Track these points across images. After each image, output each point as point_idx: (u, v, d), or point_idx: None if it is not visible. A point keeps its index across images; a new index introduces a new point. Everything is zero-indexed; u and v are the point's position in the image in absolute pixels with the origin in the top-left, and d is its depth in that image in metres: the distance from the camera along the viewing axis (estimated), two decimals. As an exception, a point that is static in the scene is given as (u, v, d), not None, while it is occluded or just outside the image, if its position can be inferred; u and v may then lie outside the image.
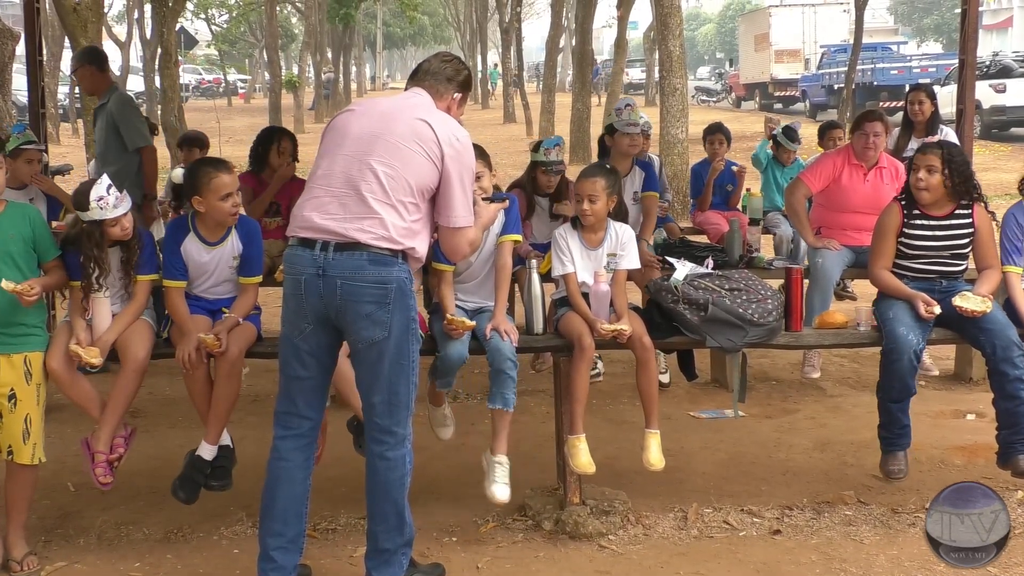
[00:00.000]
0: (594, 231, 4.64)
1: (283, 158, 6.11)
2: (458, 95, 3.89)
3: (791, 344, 4.90)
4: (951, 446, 5.33)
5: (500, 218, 4.51)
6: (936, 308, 4.59)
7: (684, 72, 12.66)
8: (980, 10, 8.83)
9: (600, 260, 4.63)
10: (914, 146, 6.91)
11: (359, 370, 3.72)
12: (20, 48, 8.80)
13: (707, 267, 4.74)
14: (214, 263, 4.41)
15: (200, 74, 51.95)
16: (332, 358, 3.80)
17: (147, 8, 27.87)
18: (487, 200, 4.27)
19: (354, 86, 50.95)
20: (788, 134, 7.85)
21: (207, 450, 4.28)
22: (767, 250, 7.17)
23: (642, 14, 39.56)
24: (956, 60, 9.28)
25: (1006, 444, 4.53)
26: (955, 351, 6.56)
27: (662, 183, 7.50)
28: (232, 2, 41.40)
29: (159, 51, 17.71)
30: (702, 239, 7.16)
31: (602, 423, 5.65)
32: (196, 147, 7.63)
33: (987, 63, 22.79)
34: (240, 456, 4.45)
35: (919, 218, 4.80)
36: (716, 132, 7.57)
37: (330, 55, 43.40)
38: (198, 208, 4.32)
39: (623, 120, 6.11)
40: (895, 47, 35.13)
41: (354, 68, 53.52)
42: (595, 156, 6.77)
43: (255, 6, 38.28)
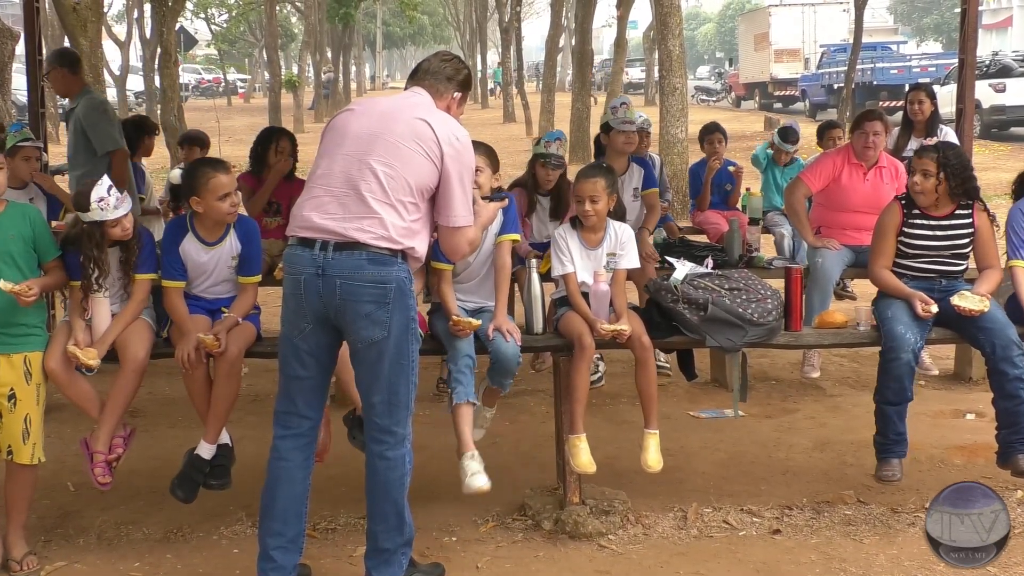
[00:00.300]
0: (594, 231, 4.64)
1: (281, 157, 6.11)
2: (458, 94, 3.89)
3: (791, 344, 4.90)
4: (951, 446, 5.33)
5: (499, 217, 4.50)
6: (933, 307, 4.59)
7: (684, 72, 12.67)
8: (980, 9, 8.84)
9: (600, 260, 4.63)
10: (914, 146, 6.92)
11: (359, 370, 3.72)
12: (20, 48, 8.80)
13: (707, 267, 4.74)
14: (213, 263, 4.41)
15: (200, 74, 51.95)
16: (332, 358, 3.80)
17: (147, 8, 27.89)
18: (486, 199, 4.27)
19: (354, 86, 50.96)
20: (783, 134, 7.87)
21: (206, 449, 4.28)
22: (767, 250, 7.17)
23: (642, 13, 39.58)
24: (956, 59, 9.27)
25: (1006, 444, 4.52)
26: (955, 351, 6.56)
27: (663, 182, 7.51)
28: (232, 2, 41.41)
29: (159, 51, 17.72)
30: (702, 239, 7.17)
31: (602, 423, 5.65)
32: (197, 146, 7.65)
33: (987, 62, 22.79)
34: (239, 456, 4.45)
35: (919, 218, 4.80)
36: (714, 132, 7.58)
37: (330, 55, 43.40)
38: (196, 208, 4.31)
39: (618, 118, 6.12)
40: (895, 47, 35.16)
41: (354, 68, 53.54)
42: (594, 155, 6.76)
43: (255, 6, 38.28)
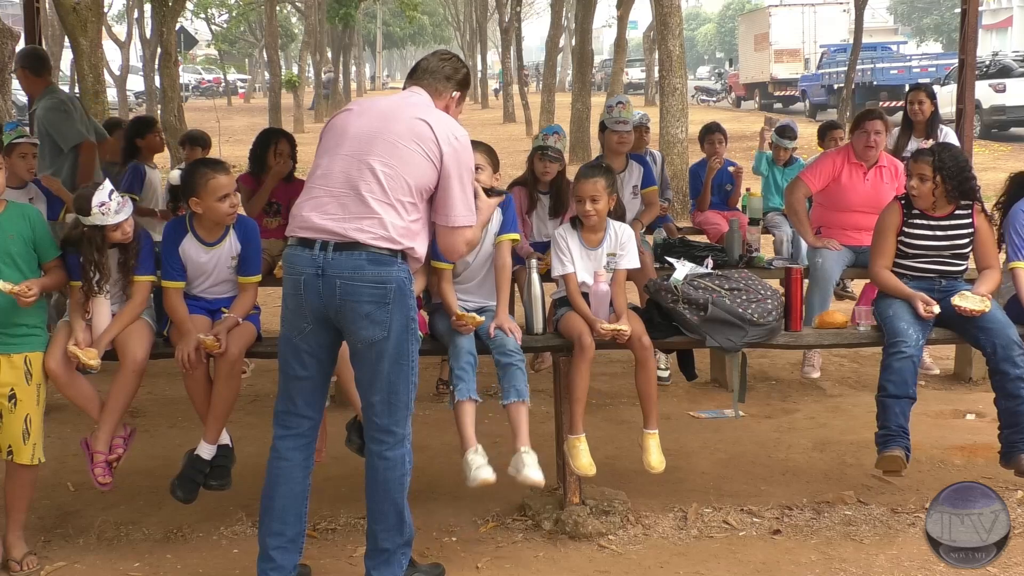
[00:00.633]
0: (595, 231, 4.64)
1: (280, 159, 6.11)
2: (456, 93, 3.89)
3: (791, 344, 4.91)
4: (951, 446, 5.33)
5: (497, 218, 4.51)
6: (935, 308, 4.59)
7: (684, 72, 12.66)
8: (980, 10, 8.83)
9: (600, 260, 4.63)
10: (913, 146, 6.92)
11: (358, 370, 3.73)
12: (20, 47, 8.79)
13: (707, 267, 4.74)
14: (212, 263, 4.41)
15: (200, 74, 51.98)
16: (331, 358, 3.80)
17: (147, 8, 27.87)
18: (486, 191, 4.21)
19: (354, 86, 50.97)
20: (781, 132, 7.90)
21: (206, 449, 4.28)
22: (767, 250, 7.17)
23: (642, 14, 39.58)
24: (956, 60, 9.29)
25: (1008, 443, 4.52)
26: (955, 351, 6.55)
27: (663, 179, 7.51)
28: (232, 2, 41.42)
29: (159, 51, 17.74)
30: (702, 239, 7.17)
31: (602, 423, 5.65)
32: (198, 146, 7.66)
33: (987, 63, 22.79)
34: (239, 456, 4.45)
35: (919, 218, 4.80)
36: (715, 132, 7.58)
37: (330, 55, 43.39)
38: (195, 209, 4.31)
39: (613, 118, 6.13)
40: (895, 47, 35.17)
41: (354, 68, 53.54)
42: (595, 154, 6.78)
43: (255, 6, 38.30)
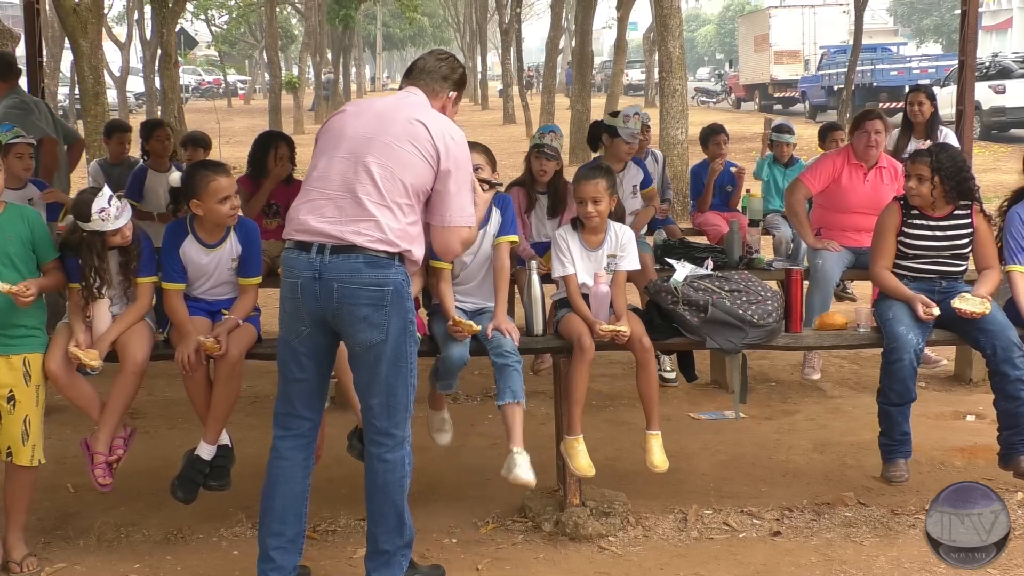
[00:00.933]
0: (595, 232, 4.64)
1: (280, 163, 6.10)
2: (453, 94, 3.87)
3: (791, 345, 4.90)
4: (951, 447, 5.33)
5: (496, 219, 4.52)
6: (935, 310, 4.59)
7: (684, 73, 12.67)
8: (980, 11, 8.83)
9: (600, 261, 4.63)
10: (913, 147, 6.92)
11: (357, 373, 3.73)
12: (20, 49, 8.81)
13: (707, 268, 4.74)
14: (213, 265, 4.40)
15: (200, 75, 51.97)
16: (329, 360, 3.81)
17: (147, 9, 27.88)
18: (482, 183, 4.13)
19: (354, 87, 50.96)
20: (779, 129, 7.93)
21: (206, 450, 4.28)
22: (767, 251, 7.17)
23: (642, 15, 39.61)
24: (956, 61, 9.29)
25: (1007, 445, 4.52)
26: (955, 352, 6.55)
27: (664, 179, 7.51)
28: (232, 3, 41.41)
29: (159, 52, 17.73)
30: (702, 240, 7.17)
31: (601, 424, 5.65)
32: (200, 147, 7.67)
33: (987, 64, 22.80)
34: (240, 457, 4.44)
35: (918, 218, 4.80)
36: (719, 133, 7.57)
37: (330, 56, 43.40)
38: (196, 212, 4.31)
39: (628, 129, 6.14)
40: (895, 48, 35.15)
41: (354, 69, 53.52)
42: (588, 143, 6.78)
43: (255, 7, 38.32)
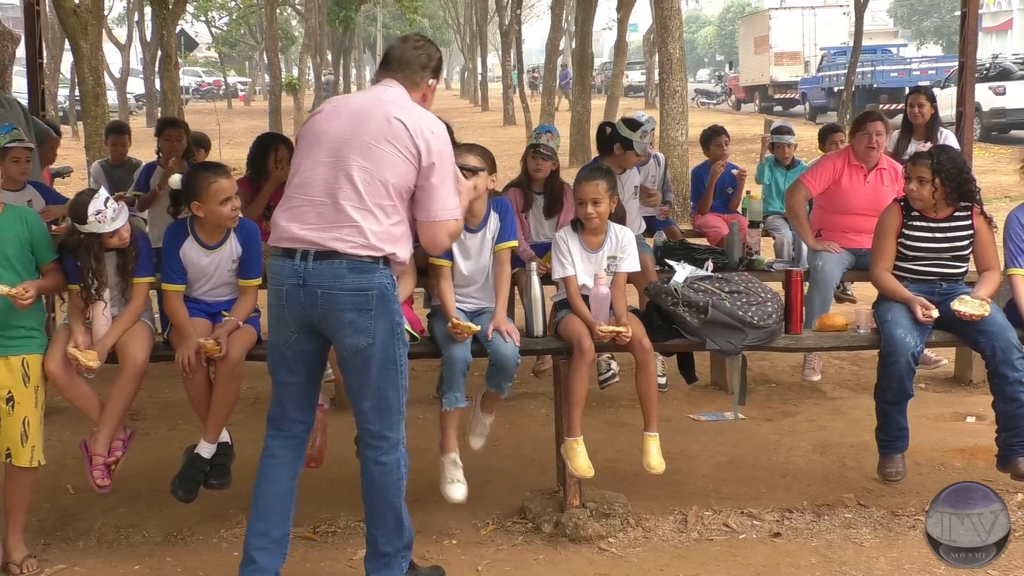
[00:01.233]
0: (595, 234, 4.64)
1: (281, 165, 6.10)
2: (432, 81, 3.79)
3: (791, 347, 4.90)
4: (951, 449, 5.33)
5: (495, 224, 4.55)
6: (934, 312, 4.59)
7: (684, 75, 12.67)
8: (980, 12, 8.84)
9: (600, 263, 4.63)
10: (913, 149, 6.93)
11: (347, 377, 3.71)
12: (20, 50, 8.80)
13: (707, 270, 4.74)
14: (213, 266, 4.41)
15: (200, 76, 51.96)
16: (320, 363, 3.81)
17: (147, 11, 27.90)
18: (464, 171, 4.05)
19: (354, 88, 50.97)
20: (778, 131, 7.94)
21: (206, 449, 4.29)
22: (767, 253, 7.17)
23: (642, 16, 39.59)
24: (956, 62, 9.29)
25: (1006, 447, 4.52)
26: (955, 353, 6.55)
27: (665, 182, 7.52)
28: (232, 4, 41.42)
29: (159, 53, 17.74)
30: (702, 242, 7.17)
31: (601, 425, 5.65)
32: (200, 148, 7.68)
33: (987, 65, 22.80)
34: (240, 459, 4.44)
35: (919, 220, 4.80)
36: (720, 134, 7.58)
37: (330, 57, 43.45)
38: (197, 213, 4.31)
39: (643, 143, 6.19)
40: (895, 49, 35.18)
41: (354, 70, 53.56)
42: (596, 146, 6.80)
43: (255, 8, 38.31)
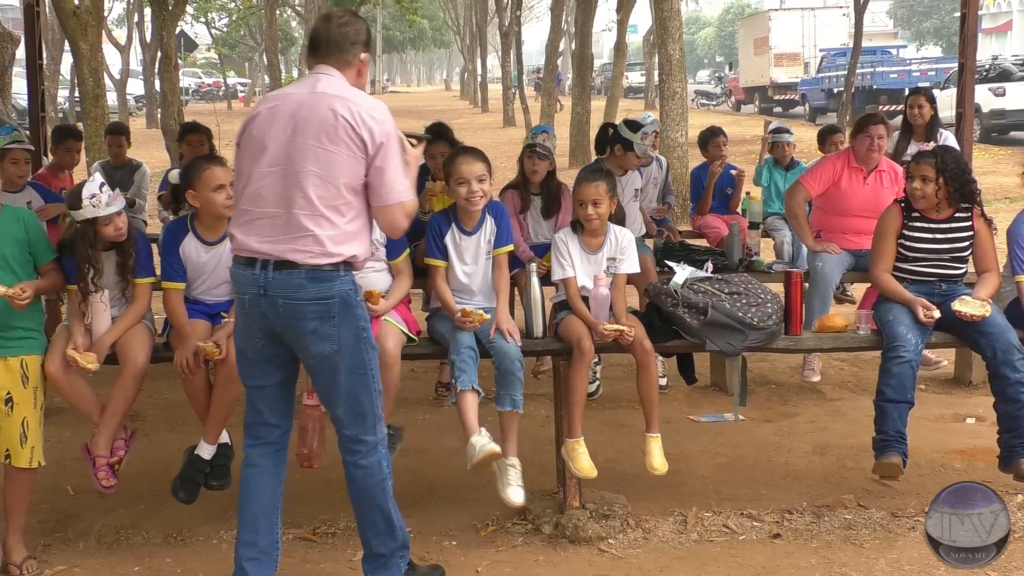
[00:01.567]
0: (595, 235, 4.65)
1: None
2: (364, 55, 3.66)
3: (791, 348, 4.90)
4: (951, 450, 5.33)
5: (491, 228, 4.57)
6: (935, 313, 4.58)
7: (684, 76, 12.67)
8: (979, 14, 8.84)
9: (600, 264, 4.63)
10: (913, 150, 6.93)
11: (317, 384, 3.69)
12: (20, 52, 8.81)
13: (706, 271, 4.74)
14: (213, 263, 4.41)
15: (200, 78, 51.95)
16: (292, 366, 3.73)
17: (147, 12, 27.90)
18: (410, 139, 3.78)
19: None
20: (777, 131, 7.97)
21: (206, 450, 4.29)
22: (767, 254, 7.17)
23: (642, 18, 39.57)
24: (955, 64, 9.29)
25: (1007, 448, 4.52)
26: (955, 355, 6.55)
27: (667, 184, 7.52)
28: (232, 6, 41.43)
29: (159, 55, 17.73)
30: (702, 243, 7.17)
31: (601, 426, 5.65)
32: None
33: (986, 67, 22.79)
34: (240, 459, 4.41)
35: (919, 221, 4.80)
36: (718, 135, 7.59)
37: (330, 59, 43.34)
38: (192, 203, 4.32)
39: (644, 145, 6.18)
40: (894, 51, 35.21)
41: (354, 72, 53.42)
42: (595, 149, 6.80)
43: (255, 10, 38.31)
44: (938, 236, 4.79)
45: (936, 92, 10.77)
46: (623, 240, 4.67)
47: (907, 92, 7.94)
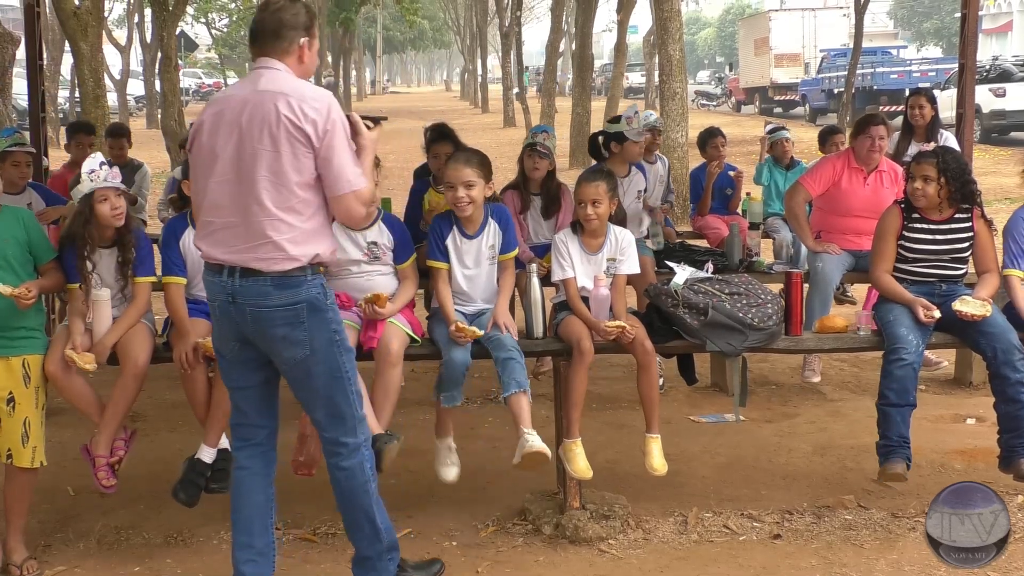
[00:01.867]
0: (595, 236, 4.65)
1: None
2: (304, 39, 3.52)
3: (791, 348, 4.90)
4: (951, 450, 5.33)
5: (495, 232, 4.57)
6: (936, 313, 4.58)
7: (684, 76, 12.67)
8: (980, 14, 8.84)
9: (600, 265, 4.64)
10: (914, 150, 6.92)
11: (294, 389, 3.65)
12: (20, 52, 8.81)
13: (707, 271, 4.74)
14: None
15: (200, 78, 51.94)
16: (271, 366, 3.66)
17: (147, 12, 27.89)
18: (367, 121, 3.65)
19: (354, 90, 51.01)
20: (774, 131, 8.00)
21: (206, 453, 4.29)
22: (767, 254, 7.17)
23: (642, 18, 39.50)
24: (956, 64, 9.29)
25: (1007, 448, 4.52)
26: (955, 355, 6.55)
27: (668, 185, 7.52)
28: (232, 6, 41.44)
29: (159, 55, 17.74)
30: (702, 243, 7.17)
31: (601, 427, 5.65)
32: None
33: (987, 67, 22.79)
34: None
35: (919, 221, 4.80)
36: (716, 136, 7.59)
37: (330, 59, 43.41)
38: (187, 192, 4.32)
39: (634, 129, 6.13)
40: (895, 51, 35.19)
41: (354, 72, 53.57)
42: (590, 156, 6.77)
43: (255, 10, 38.33)
44: (938, 237, 4.79)
45: (936, 93, 10.74)
46: (623, 241, 4.68)
47: (908, 93, 7.94)
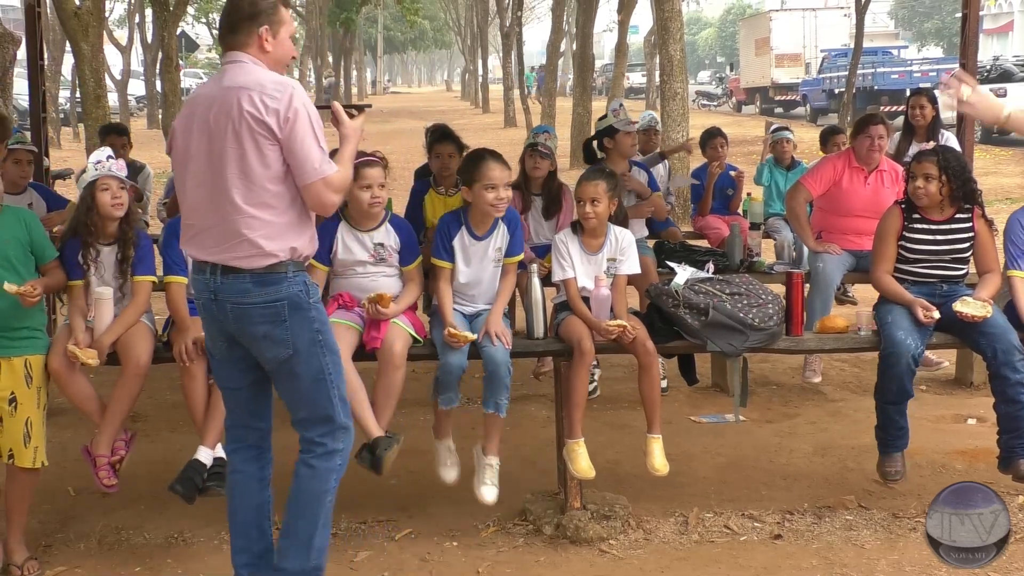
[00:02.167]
0: (595, 235, 4.65)
1: None
2: (263, 28, 3.43)
3: (792, 348, 4.90)
4: (952, 450, 5.33)
5: (504, 234, 4.57)
6: (935, 313, 4.59)
7: (685, 76, 12.67)
8: (981, 14, 8.84)
9: (600, 265, 4.64)
10: (915, 150, 6.92)
11: (278, 388, 3.62)
12: (21, 52, 8.81)
13: (708, 271, 4.74)
14: None
15: (201, 78, 51.84)
16: (261, 367, 3.62)
17: (148, 12, 27.90)
18: (349, 110, 3.61)
19: (355, 90, 50.99)
20: (776, 131, 7.99)
21: (205, 454, 4.28)
22: (768, 254, 7.17)
23: (643, 18, 39.49)
24: (956, 64, 9.28)
25: (1007, 448, 4.52)
26: (956, 355, 6.55)
27: (668, 186, 7.52)
28: (233, 6, 41.38)
29: (160, 55, 17.74)
30: (703, 243, 7.17)
31: (602, 427, 5.65)
32: None
33: (988, 67, 22.79)
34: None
35: (919, 222, 4.80)
36: (716, 136, 7.60)
37: (331, 59, 43.42)
38: None
39: (622, 120, 6.12)
40: (896, 51, 35.15)
41: (355, 72, 53.57)
42: (584, 161, 6.77)
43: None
44: (938, 237, 4.79)
45: (937, 93, 10.72)
46: (623, 241, 4.68)
47: (908, 93, 7.94)
